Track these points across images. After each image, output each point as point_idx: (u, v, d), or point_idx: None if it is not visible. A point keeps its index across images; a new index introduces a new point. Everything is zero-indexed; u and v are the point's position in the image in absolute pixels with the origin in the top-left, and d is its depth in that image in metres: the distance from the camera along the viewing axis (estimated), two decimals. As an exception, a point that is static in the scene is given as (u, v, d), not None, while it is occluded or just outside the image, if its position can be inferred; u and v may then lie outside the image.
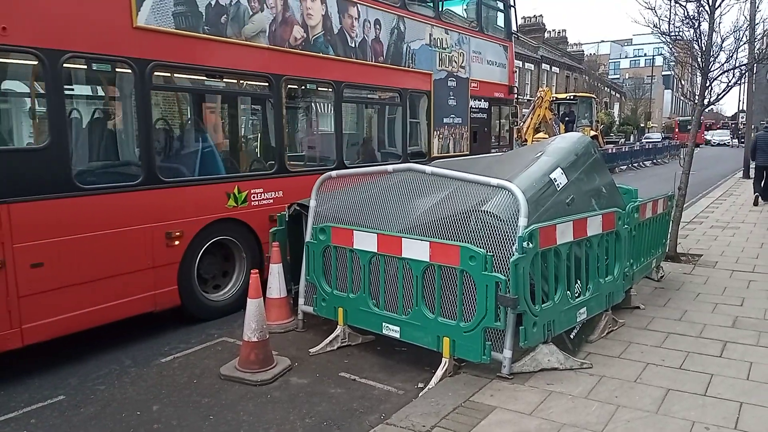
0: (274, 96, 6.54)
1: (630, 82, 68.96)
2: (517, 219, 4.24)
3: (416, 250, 4.43)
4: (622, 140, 44.76)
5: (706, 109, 8.46)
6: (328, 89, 7.49)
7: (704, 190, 16.57)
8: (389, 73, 8.21)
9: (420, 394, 4.16)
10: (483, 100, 10.41)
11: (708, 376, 4.27)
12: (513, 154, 7.91)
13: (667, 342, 4.95)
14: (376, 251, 4.71)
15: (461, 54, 9.67)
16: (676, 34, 8.33)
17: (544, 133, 21.20)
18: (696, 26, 7.65)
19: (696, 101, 8.09)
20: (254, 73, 6.46)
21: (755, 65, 10.20)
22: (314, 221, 5.34)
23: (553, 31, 51.94)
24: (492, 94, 10.70)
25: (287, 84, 6.78)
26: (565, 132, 19.75)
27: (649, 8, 8.12)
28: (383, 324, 4.72)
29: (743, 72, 8.52)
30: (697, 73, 8.02)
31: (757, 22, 12.31)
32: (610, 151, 25.05)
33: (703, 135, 50.79)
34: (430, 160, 8.17)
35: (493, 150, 10.58)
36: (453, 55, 9.45)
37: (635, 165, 26.84)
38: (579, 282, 4.79)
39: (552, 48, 47.73)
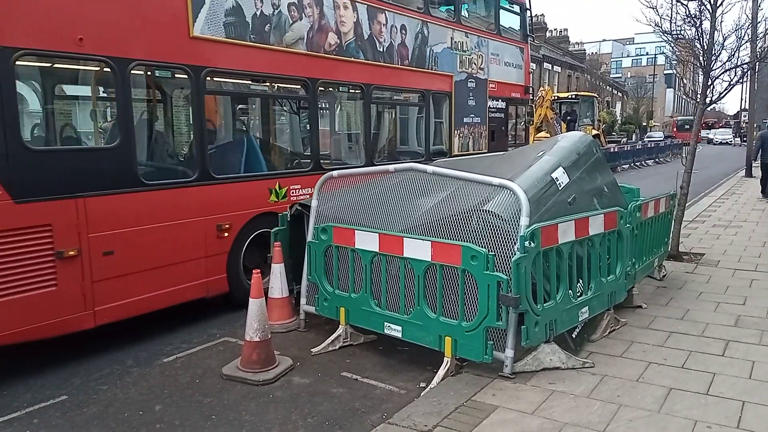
0: (310, 98, 6.98)
1: (632, 81, 68.95)
2: (519, 218, 4.23)
3: (418, 249, 4.43)
4: (624, 139, 44.72)
5: (709, 108, 8.45)
6: (358, 91, 7.85)
7: (706, 189, 16.53)
8: (414, 75, 8.57)
9: (422, 394, 4.16)
10: (500, 100, 10.73)
11: (710, 375, 4.26)
12: (515, 154, 7.92)
13: (669, 341, 4.95)
14: (377, 251, 4.71)
15: (480, 56, 9.97)
16: (678, 32, 8.33)
17: (545, 133, 21.20)
18: (698, 25, 7.65)
19: (698, 100, 8.08)
20: (293, 77, 6.89)
21: (757, 64, 10.19)
22: (316, 221, 5.34)
23: (555, 30, 51.86)
24: (509, 94, 11.00)
25: (322, 87, 7.18)
26: (567, 131, 19.73)
27: (650, 7, 8.14)
28: (385, 324, 4.72)
29: (745, 71, 8.51)
30: (699, 72, 8.00)
31: (759, 20, 12.32)
32: (612, 150, 25.04)
33: (702, 134, 50.58)
34: (452, 158, 8.55)
35: (510, 148, 10.80)
36: (473, 58, 9.77)
37: (637, 164, 26.82)
38: (581, 281, 4.78)
39: (554, 47, 47.58)
